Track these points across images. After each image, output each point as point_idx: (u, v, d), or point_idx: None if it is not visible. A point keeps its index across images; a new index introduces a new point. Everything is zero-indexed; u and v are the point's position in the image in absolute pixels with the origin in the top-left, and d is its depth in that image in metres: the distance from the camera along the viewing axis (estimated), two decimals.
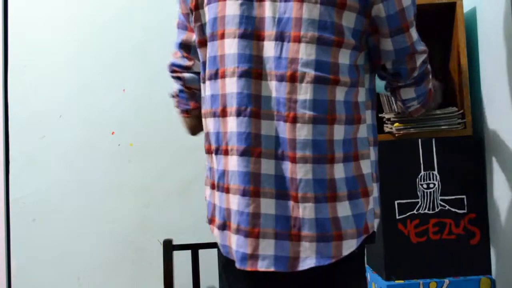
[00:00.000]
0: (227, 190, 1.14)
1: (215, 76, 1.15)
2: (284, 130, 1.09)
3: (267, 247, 1.09)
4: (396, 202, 1.63)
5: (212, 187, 1.19)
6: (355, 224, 1.10)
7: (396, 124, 1.63)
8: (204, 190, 1.27)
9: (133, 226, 2.17)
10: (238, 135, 1.10)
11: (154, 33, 2.19)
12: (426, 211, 1.63)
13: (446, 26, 1.76)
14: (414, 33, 1.17)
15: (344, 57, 1.10)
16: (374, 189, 1.18)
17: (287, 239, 1.10)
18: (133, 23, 2.21)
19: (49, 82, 2.19)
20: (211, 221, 1.21)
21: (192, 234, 2.05)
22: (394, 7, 1.11)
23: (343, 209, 1.09)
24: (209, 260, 1.81)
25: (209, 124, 1.18)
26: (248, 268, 1.11)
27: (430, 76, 1.27)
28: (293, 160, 1.09)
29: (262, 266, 1.10)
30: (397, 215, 1.63)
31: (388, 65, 1.20)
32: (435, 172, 1.63)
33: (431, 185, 1.63)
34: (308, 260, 1.09)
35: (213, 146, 1.17)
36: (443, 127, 1.63)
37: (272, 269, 1.09)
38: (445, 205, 1.63)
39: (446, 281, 1.60)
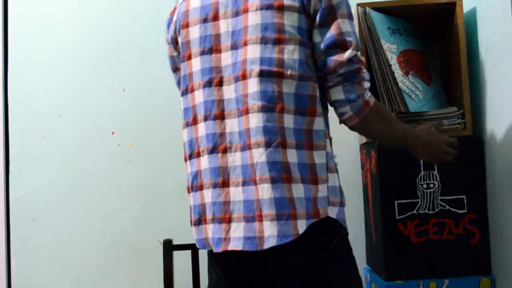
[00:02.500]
0: (200, 188, 1.28)
1: (185, 91, 1.31)
2: (242, 123, 1.21)
3: (237, 230, 1.21)
4: (396, 202, 1.63)
5: (188, 191, 1.32)
6: (305, 206, 1.19)
7: None
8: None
9: (133, 226, 2.17)
10: (207, 137, 1.26)
11: (154, 33, 2.19)
12: (426, 211, 1.63)
13: (446, 26, 1.76)
14: (344, 24, 1.24)
15: (290, 53, 1.21)
16: (331, 178, 1.24)
17: (254, 220, 1.20)
18: (133, 23, 2.20)
19: (49, 82, 2.19)
20: (191, 222, 1.33)
21: (192, 234, 2.05)
22: (325, 2, 1.22)
23: (298, 190, 1.19)
24: None
25: (184, 135, 1.32)
26: (221, 250, 1.22)
27: (366, 85, 1.27)
28: (250, 147, 1.20)
29: (232, 246, 1.21)
30: (397, 215, 1.63)
31: (320, 58, 1.25)
32: (435, 172, 1.63)
33: (431, 185, 1.63)
34: (270, 238, 1.18)
35: (187, 153, 1.31)
36: (443, 127, 1.63)
37: (239, 248, 1.20)
38: (445, 205, 1.63)
39: (446, 281, 1.60)
